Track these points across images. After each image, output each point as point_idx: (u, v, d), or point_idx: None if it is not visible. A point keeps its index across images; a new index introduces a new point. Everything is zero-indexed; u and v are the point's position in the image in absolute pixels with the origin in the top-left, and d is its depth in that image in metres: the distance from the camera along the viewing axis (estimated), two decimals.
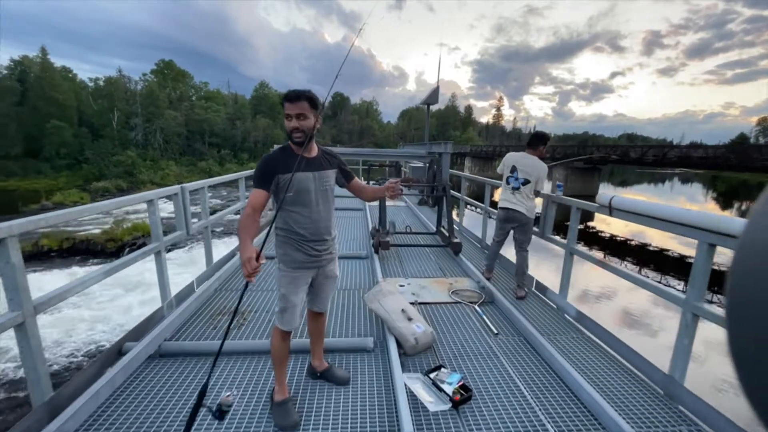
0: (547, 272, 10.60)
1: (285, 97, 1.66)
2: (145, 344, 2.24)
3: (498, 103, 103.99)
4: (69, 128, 37.31)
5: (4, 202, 26.43)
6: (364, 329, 2.75)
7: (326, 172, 1.79)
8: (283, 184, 1.66)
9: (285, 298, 1.78)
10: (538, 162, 3.37)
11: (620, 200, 2.58)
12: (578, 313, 3.01)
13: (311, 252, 1.77)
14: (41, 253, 14.08)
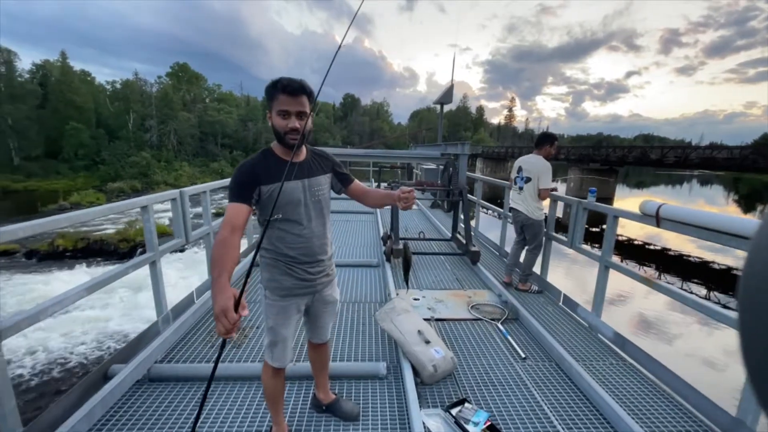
0: (573, 284, 10.17)
1: (280, 88, 1.29)
2: (133, 367, 2.02)
3: (510, 103, 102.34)
4: (87, 130, 38.18)
5: (26, 202, 27.12)
6: (375, 351, 2.48)
7: (318, 178, 1.47)
8: (267, 197, 1.34)
9: (273, 332, 1.48)
10: (540, 160, 3.42)
11: (671, 210, 2.24)
12: (616, 335, 2.68)
13: (304, 276, 1.46)
14: (57, 253, 14.25)
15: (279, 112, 1.31)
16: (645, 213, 2.42)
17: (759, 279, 0.23)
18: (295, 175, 1.38)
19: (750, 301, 0.24)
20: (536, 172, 3.41)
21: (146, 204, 2.50)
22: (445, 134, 64.87)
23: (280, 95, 1.29)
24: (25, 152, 35.83)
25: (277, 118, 1.32)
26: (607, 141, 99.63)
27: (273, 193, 1.31)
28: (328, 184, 1.52)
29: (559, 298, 3.45)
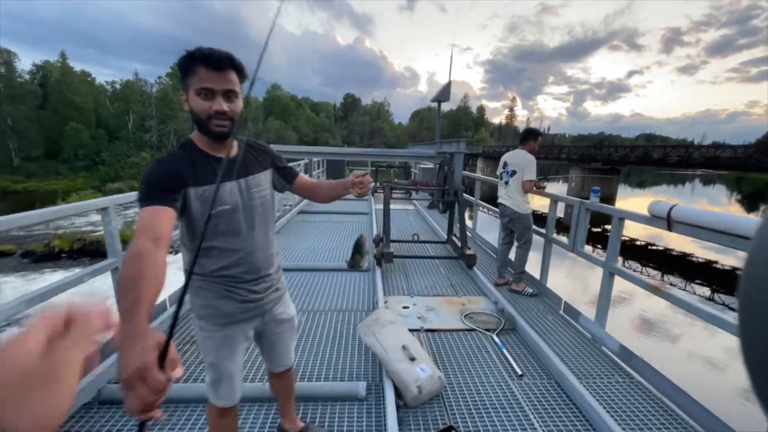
0: (574, 285, 9.92)
1: (200, 59, 0.99)
2: (81, 387, 1.80)
3: (511, 103, 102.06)
4: (87, 130, 38.16)
5: (25, 202, 27.05)
6: (357, 368, 2.25)
7: (257, 176, 1.20)
8: (195, 203, 1.04)
9: (216, 368, 1.21)
10: (524, 154, 3.42)
11: (685, 211, 2.01)
12: (622, 349, 2.45)
13: (247, 297, 1.19)
14: (53, 254, 14.10)
15: (199, 90, 1.00)
16: (654, 215, 2.19)
17: (760, 280, 0.23)
18: (230, 174, 1.10)
19: (751, 302, 0.24)
20: (520, 165, 3.40)
21: (107, 205, 2.28)
22: (446, 134, 64.70)
23: (200, 69, 0.99)
24: (25, 153, 35.83)
25: (195, 99, 1.01)
26: (609, 140, 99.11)
27: (204, 197, 1.05)
28: (269, 183, 1.26)
29: (559, 306, 3.22)
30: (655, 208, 2.17)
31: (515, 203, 3.46)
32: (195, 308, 1.18)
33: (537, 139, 3.49)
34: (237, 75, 1.05)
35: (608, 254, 2.64)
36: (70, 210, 2.13)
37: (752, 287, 0.24)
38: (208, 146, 1.10)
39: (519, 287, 3.56)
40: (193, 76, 1.00)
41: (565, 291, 3.32)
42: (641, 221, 2.35)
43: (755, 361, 0.24)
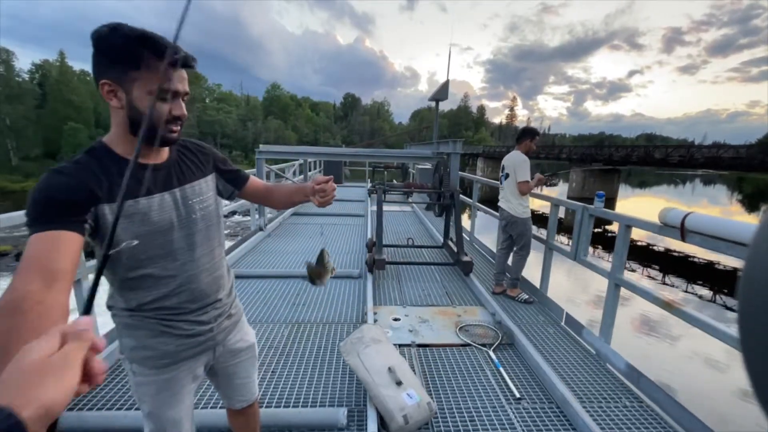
0: (572, 285, 9.70)
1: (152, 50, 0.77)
2: None
3: (511, 103, 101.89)
4: (85, 130, 37.97)
5: (23, 201, 26.89)
6: (339, 391, 2.06)
7: (197, 184, 0.99)
8: (110, 224, 0.69)
9: (155, 418, 0.99)
10: (518, 155, 3.28)
11: (700, 220, 1.81)
12: (630, 368, 2.25)
13: (192, 330, 0.98)
14: None
15: (156, 90, 0.76)
16: (666, 223, 1.99)
17: (759, 284, 0.23)
18: (159, 185, 0.89)
19: (750, 307, 0.24)
20: (512, 166, 3.26)
21: None
22: (446, 134, 64.51)
23: (156, 63, 0.77)
24: (24, 152, 35.68)
25: (145, 98, 0.79)
26: (610, 140, 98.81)
27: (129, 214, 0.83)
28: (212, 191, 1.05)
29: (561, 317, 3.02)
30: (667, 216, 1.97)
31: (511, 207, 3.31)
32: (124, 350, 0.96)
33: (534, 138, 3.32)
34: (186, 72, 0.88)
35: (614, 264, 2.44)
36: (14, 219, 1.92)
37: (751, 291, 0.24)
38: (133, 151, 0.79)
39: (513, 293, 3.41)
40: (147, 71, 0.78)
41: (563, 291, 3.11)
42: (651, 230, 2.15)
43: (755, 361, 0.24)
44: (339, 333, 2.68)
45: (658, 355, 6.88)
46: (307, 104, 67.24)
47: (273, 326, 2.74)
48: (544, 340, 2.72)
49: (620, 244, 2.39)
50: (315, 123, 61.97)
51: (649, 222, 2.22)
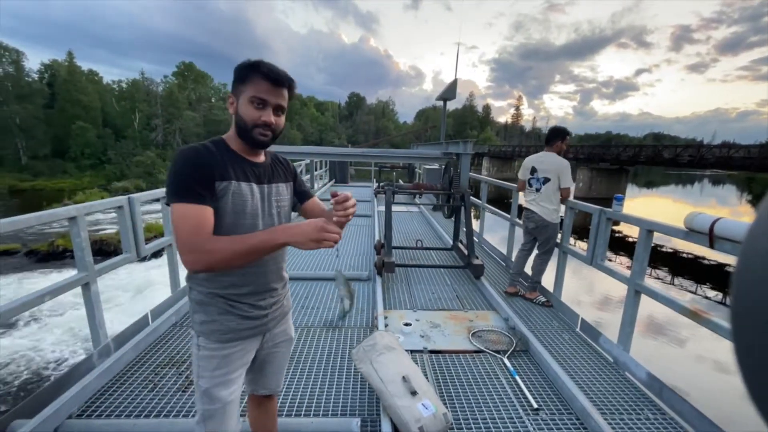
0: (579, 285, 9.58)
1: (264, 73, 1.00)
2: (35, 425, 1.58)
3: (517, 102, 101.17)
4: (93, 129, 38.30)
5: (32, 200, 27.22)
6: (351, 399, 2.01)
7: (280, 186, 1.16)
8: (221, 198, 1.00)
9: (209, 396, 1.07)
10: (556, 158, 3.18)
11: (731, 226, 1.72)
12: (651, 378, 2.17)
13: (250, 313, 1.10)
14: (57, 253, 14.07)
15: (253, 99, 1.01)
16: (693, 229, 1.91)
17: (752, 283, 0.24)
18: (258, 177, 1.09)
19: (743, 306, 0.24)
20: (555, 171, 3.14)
21: (75, 215, 2.06)
22: (451, 133, 64.23)
23: (260, 81, 1.01)
24: (33, 151, 36.06)
25: (248, 106, 1.01)
26: (617, 140, 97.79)
27: (229, 192, 1.01)
28: (289, 195, 1.21)
29: (576, 323, 2.95)
30: (694, 221, 1.89)
31: (545, 212, 3.20)
32: (194, 324, 1.09)
33: (565, 138, 3.21)
34: (288, 93, 1.07)
35: (634, 269, 2.36)
36: (33, 220, 1.90)
37: (744, 290, 0.24)
38: (243, 151, 1.08)
39: (532, 296, 3.37)
40: (249, 85, 1.01)
41: (570, 294, 3.04)
42: (676, 235, 2.07)
43: (748, 362, 0.24)
44: (349, 338, 2.63)
45: (668, 357, 6.76)
46: (312, 103, 67.32)
47: None
48: (560, 347, 2.64)
49: (641, 249, 2.31)
50: (320, 122, 62.03)
51: (673, 227, 2.14)
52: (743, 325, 0.24)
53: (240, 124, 1.03)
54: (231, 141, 1.08)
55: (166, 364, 2.25)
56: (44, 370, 6.69)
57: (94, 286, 2.17)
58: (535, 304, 3.31)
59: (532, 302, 3.34)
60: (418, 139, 27.02)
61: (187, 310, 2.85)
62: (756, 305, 0.23)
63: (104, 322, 2.24)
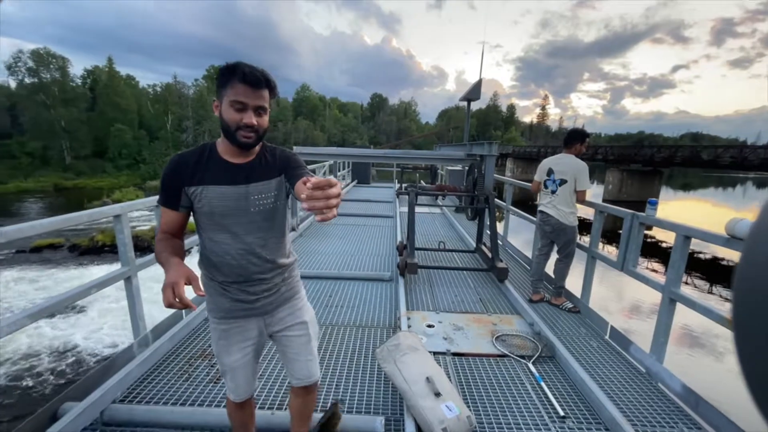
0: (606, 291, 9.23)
1: (239, 76, 1.06)
2: (82, 409, 1.70)
3: (543, 101, 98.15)
4: (130, 131, 40.42)
5: (75, 198, 29.07)
6: (375, 398, 2.04)
7: (265, 184, 1.19)
8: (196, 201, 1.15)
9: (218, 359, 1.34)
10: (573, 159, 3.12)
11: None
12: (686, 391, 2.08)
13: (240, 296, 1.24)
14: (96, 247, 14.98)
15: (233, 102, 1.08)
16: (735, 236, 1.82)
17: (754, 280, 0.24)
18: (233, 179, 1.15)
19: (746, 304, 0.24)
20: (572, 173, 3.08)
21: (119, 213, 2.20)
22: (474, 133, 63.30)
23: (238, 84, 1.07)
24: (76, 152, 38.47)
25: (229, 110, 1.09)
26: (650, 140, 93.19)
27: (200, 196, 1.14)
28: (278, 191, 1.22)
29: (605, 330, 2.85)
30: (736, 228, 1.80)
31: (561, 214, 3.14)
32: (206, 303, 1.29)
33: (584, 141, 3.16)
34: (269, 93, 1.13)
35: (669, 277, 2.27)
36: (85, 217, 2.05)
37: (747, 288, 0.24)
38: (228, 152, 1.16)
39: (558, 301, 3.30)
40: (229, 88, 1.07)
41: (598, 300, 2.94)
42: (715, 242, 1.97)
43: (748, 357, 0.24)
44: (373, 337, 2.67)
45: (705, 370, 6.39)
46: (335, 105, 68.20)
47: None
48: (588, 354, 2.57)
49: (677, 256, 2.22)
50: (342, 123, 62.74)
51: (712, 233, 2.04)
52: (746, 322, 0.24)
53: (224, 127, 1.11)
54: (220, 145, 1.18)
55: (199, 356, 2.36)
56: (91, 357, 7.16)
57: (135, 280, 2.31)
58: (562, 310, 3.24)
59: (558, 308, 3.27)
60: (441, 140, 26.86)
61: None
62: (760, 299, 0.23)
63: (144, 314, 2.38)
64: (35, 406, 5.48)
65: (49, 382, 6.36)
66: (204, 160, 1.15)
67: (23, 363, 6.84)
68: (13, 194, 29.78)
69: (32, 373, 6.60)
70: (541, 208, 3.35)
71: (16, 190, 30.91)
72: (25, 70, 37.53)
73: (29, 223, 1.70)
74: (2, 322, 1.54)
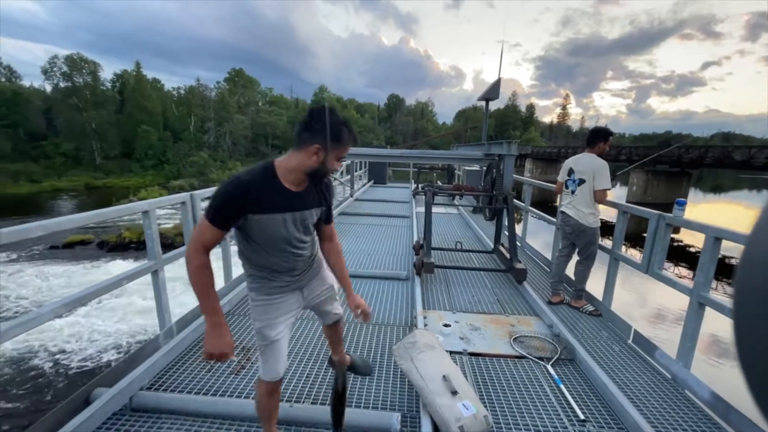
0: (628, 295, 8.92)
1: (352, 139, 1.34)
2: (113, 394, 1.79)
3: (564, 101, 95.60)
4: (155, 132, 41.95)
5: (104, 196, 30.41)
6: (391, 395, 2.05)
7: (311, 211, 1.40)
8: (254, 225, 1.27)
9: (261, 335, 1.43)
10: (593, 158, 3.04)
11: None
12: (715, 398, 1.99)
13: (286, 279, 1.46)
14: (123, 244, 15.65)
15: (339, 157, 1.33)
16: None
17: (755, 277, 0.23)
18: (293, 205, 1.32)
19: (745, 298, 0.24)
20: (590, 172, 3.00)
21: (147, 209, 2.30)
22: (492, 134, 62.38)
23: (348, 144, 1.33)
24: (105, 152, 40.26)
25: (332, 161, 1.30)
26: (677, 140, 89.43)
27: (263, 221, 1.27)
28: (317, 217, 1.46)
29: (628, 335, 2.77)
30: None
31: (581, 215, 3.06)
32: (248, 283, 1.45)
33: (608, 139, 3.07)
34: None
35: (698, 280, 2.18)
36: (112, 213, 2.15)
37: (749, 282, 0.24)
38: (292, 182, 1.29)
39: (578, 304, 3.22)
40: (341, 146, 1.29)
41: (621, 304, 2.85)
42: None
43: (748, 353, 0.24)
44: (389, 335, 2.68)
45: (736, 378, 6.08)
46: (353, 106, 68.65)
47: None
48: (609, 358, 2.50)
49: (706, 258, 2.13)
50: (359, 124, 63.13)
51: (743, 234, 1.94)
52: (747, 319, 0.24)
53: (320, 171, 1.29)
54: (284, 171, 1.28)
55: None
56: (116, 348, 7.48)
57: (161, 273, 2.41)
58: (582, 313, 3.16)
59: (578, 311, 3.20)
60: (458, 140, 26.59)
61: (238, 300, 3.06)
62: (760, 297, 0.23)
63: (169, 306, 2.48)
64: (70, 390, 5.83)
65: (80, 369, 6.71)
66: (267, 187, 1.26)
67: (62, 347, 7.24)
68: (48, 192, 31.42)
69: (66, 359, 6.99)
70: (561, 209, 3.29)
71: (50, 189, 32.57)
72: (60, 75, 39.53)
73: (66, 217, 1.80)
74: (43, 309, 1.64)
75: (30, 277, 11.34)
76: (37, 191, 31.60)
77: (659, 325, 8.14)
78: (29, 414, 5.46)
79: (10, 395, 6.01)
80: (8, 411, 5.65)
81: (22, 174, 33.52)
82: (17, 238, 1.56)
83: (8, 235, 1.52)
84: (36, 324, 1.60)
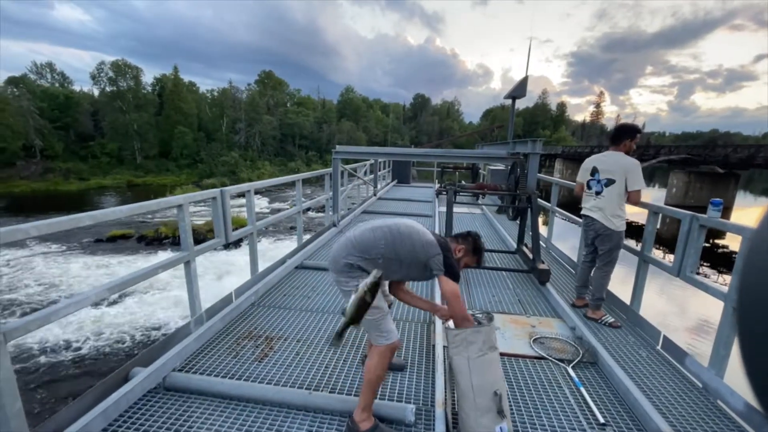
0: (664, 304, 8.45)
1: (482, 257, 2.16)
2: (147, 374, 1.94)
3: (598, 99, 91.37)
4: (191, 133, 44.07)
5: (143, 193, 32.32)
6: (407, 387, 2.09)
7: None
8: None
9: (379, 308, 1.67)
10: (622, 157, 2.82)
11: None
12: (750, 409, 1.88)
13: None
14: (160, 238, 16.59)
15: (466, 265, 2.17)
16: None
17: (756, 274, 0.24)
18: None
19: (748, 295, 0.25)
20: (621, 172, 2.78)
21: (182, 203, 2.46)
22: (520, 133, 60.78)
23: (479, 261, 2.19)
24: (145, 152, 42.74)
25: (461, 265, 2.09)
26: (724, 139, 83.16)
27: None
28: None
29: (657, 340, 2.66)
30: None
31: (607, 218, 2.85)
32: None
33: (635, 137, 2.85)
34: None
35: (733, 284, 2.07)
36: (150, 206, 2.31)
37: (749, 281, 0.24)
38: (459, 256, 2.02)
39: (596, 314, 2.99)
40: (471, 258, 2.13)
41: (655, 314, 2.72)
42: None
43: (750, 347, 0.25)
44: (407, 330, 2.72)
45: None
46: (378, 106, 68.99)
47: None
48: (635, 364, 2.42)
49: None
50: (384, 124, 63.37)
51: None
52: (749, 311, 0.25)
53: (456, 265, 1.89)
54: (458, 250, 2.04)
55: (246, 337, 2.56)
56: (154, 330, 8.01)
57: (193, 264, 2.56)
58: (601, 325, 2.94)
59: (597, 322, 2.96)
60: (484, 140, 26.05)
61: (264, 292, 3.20)
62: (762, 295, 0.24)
63: (200, 294, 2.63)
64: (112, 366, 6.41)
65: (121, 350, 7.30)
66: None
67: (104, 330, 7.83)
68: (94, 190, 33.80)
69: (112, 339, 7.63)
70: (584, 212, 3.08)
71: (96, 186, 35.00)
72: (106, 80, 42.36)
73: (111, 209, 1.97)
74: (90, 292, 1.81)
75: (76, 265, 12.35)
76: (85, 188, 34.04)
77: (693, 336, 7.67)
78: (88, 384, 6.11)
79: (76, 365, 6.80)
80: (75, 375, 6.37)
81: (72, 172, 36.25)
82: (71, 226, 1.73)
83: (68, 222, 1.70)
84: (85, 304, 1.76)
